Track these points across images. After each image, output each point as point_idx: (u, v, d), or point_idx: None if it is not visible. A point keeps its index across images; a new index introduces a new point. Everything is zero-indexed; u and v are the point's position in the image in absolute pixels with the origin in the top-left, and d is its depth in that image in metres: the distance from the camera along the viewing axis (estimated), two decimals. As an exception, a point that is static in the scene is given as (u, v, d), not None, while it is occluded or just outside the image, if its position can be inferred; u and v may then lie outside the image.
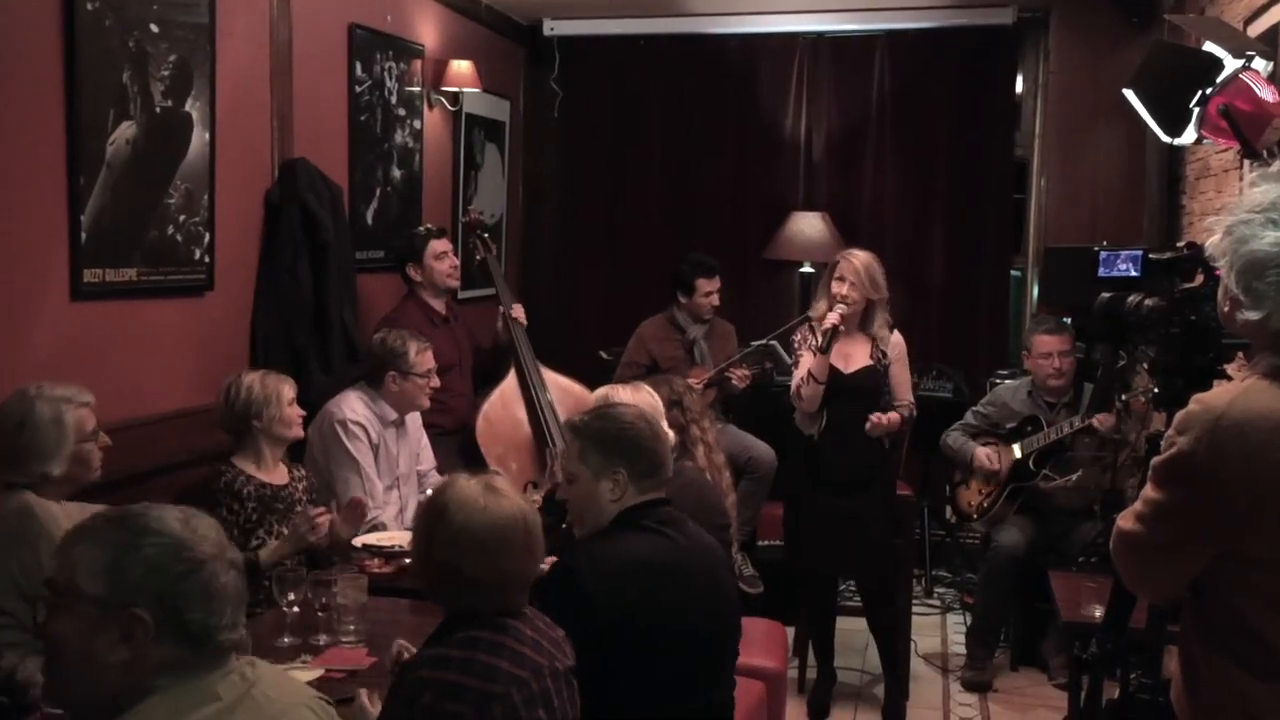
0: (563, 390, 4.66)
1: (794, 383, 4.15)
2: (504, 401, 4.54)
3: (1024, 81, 6.03)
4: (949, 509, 5.08)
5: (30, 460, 2.68)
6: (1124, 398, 4.25)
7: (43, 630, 1.54)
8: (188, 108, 3.66)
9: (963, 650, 4.74)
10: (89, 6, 3.22)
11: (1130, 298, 2.55)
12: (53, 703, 1.74)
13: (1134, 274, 3.95)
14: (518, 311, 4.72)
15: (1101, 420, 4.35)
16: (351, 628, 2.76)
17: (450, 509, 2.03)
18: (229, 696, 1.52)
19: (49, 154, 3.17)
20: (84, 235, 3.27)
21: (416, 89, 5.22)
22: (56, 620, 1.52)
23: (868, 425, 4.05)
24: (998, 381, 5.15)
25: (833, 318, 3.99)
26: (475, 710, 1.88)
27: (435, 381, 3.93)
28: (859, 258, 4.08)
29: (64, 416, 2.71)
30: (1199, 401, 1.73)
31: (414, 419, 4.03)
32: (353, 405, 3.81)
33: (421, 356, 3.84)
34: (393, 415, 3.87)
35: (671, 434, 3.07)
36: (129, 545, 1.51)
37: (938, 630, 5.19)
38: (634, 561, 2.42)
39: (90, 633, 1.49)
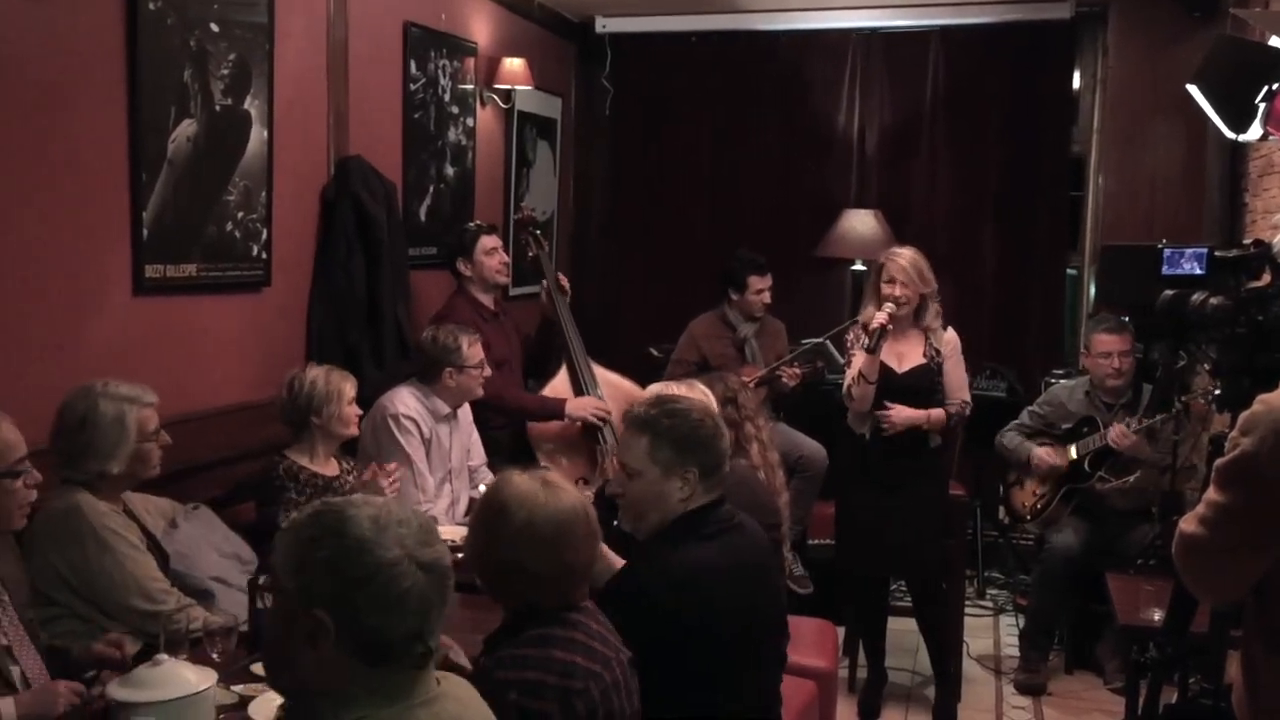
0: (613, 386, 4.66)
1: (845, 382, 4.13)
2: (554, 394, 4.55)
3: (1081, 76, 5.95)
4: (1002, 510, 5.03)
5: (90, 458, 2.71)
6: (1183, 399, 4.18)
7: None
8: (246, 106, 3.71)
9: (1016, 653, 4.70)
10: (151, 6, 3.27)
11: (1194, 296, 2.50)
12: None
13: (1199, 272, 3.89)
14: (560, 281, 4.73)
15: (1118, 438, 4.29)
16: (406, 620, 2.78)
17: (511, 506, 2.03)
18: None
19: (113, 152, 3.23)
20: (146, 232, 3.32)
21: (470, 87, 5.25)
22: (272, 603, 1.52)
23: (884, 423, 4.02)
24: (1053, 381, 5.08)
25: (881, 317, 3.96)
26: (559, 707, 1.88)
27: (488, 370, 3.97)
28: (904, 256, 4.04)
29: (126, 416, 2.74)
30: (1263, 402, 1.70)
31: (465, 413, 4.06)
32: (405, 400, 3.84)
33: (473, 349, 3.90)
34: (445, 409, 3.91)
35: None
36: (315, 544, 1.46)
37: (990, 632, 5.14)
38: (705, 571, 2.38)
39: (285, 625, 1.46)
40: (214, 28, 3.54)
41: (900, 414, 4.02)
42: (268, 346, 3.93)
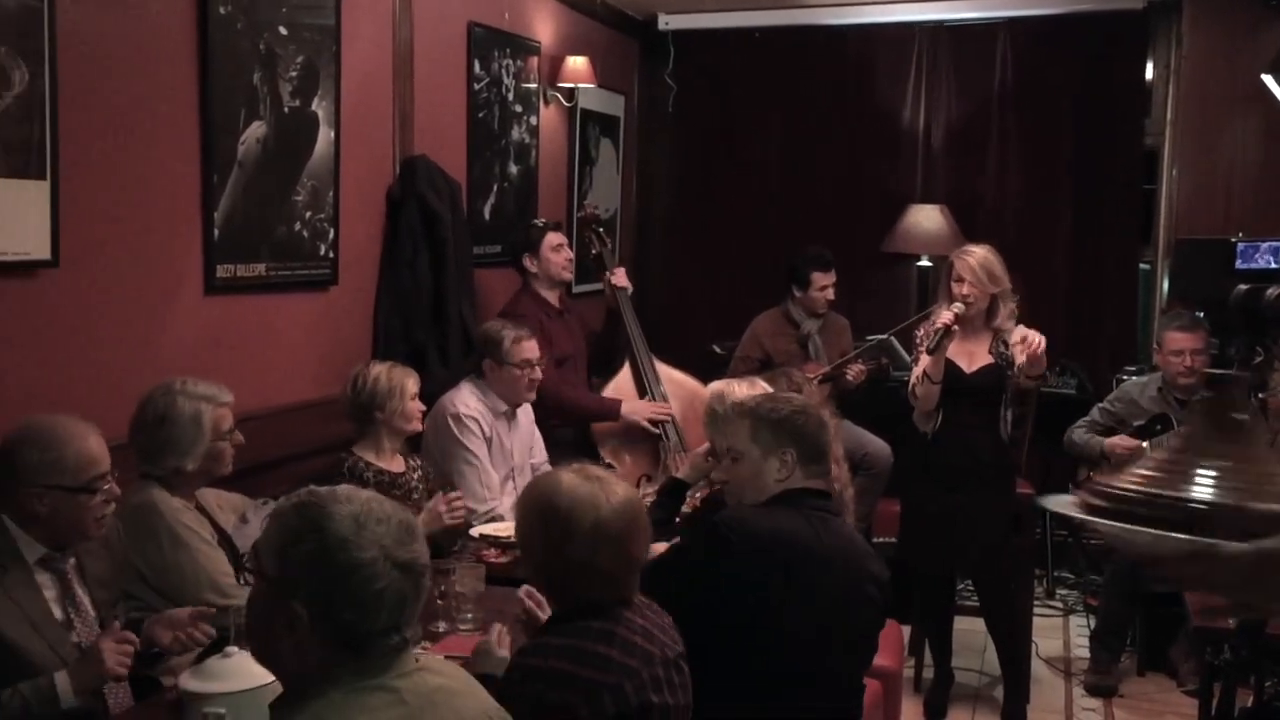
0: (676, 384, 4.66)
1: (910, 380, 4.08)
2: (617, 392, 4.57)
3: (1154, 67, 5.83)
4: (1072, 509, 4.94)
5: (167, 454, 2.77)
6: (1260, 395, 4.07)
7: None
8: (314, 107, 3.77)
9: (1086, 654, 4.62)
10: (222, 10, 3.34)
11: (1269, 291, 2.44)
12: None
13: (1274, 266, 3.79)
14: (619, 276, 4.74)
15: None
16: (469, 616, 2.81)
17: (576, 507, 2.03)
18: (403, 703, 1.49)
19: (185, 154, 3.29)
20: (216, 232, 3.39)
21: (533, 85, 5.28)
22: (254, 587, 1.56)
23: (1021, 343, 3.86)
24: (1124, 378, 4.99)
25: (946, 317, 3.90)
26: (585, 699, 1.89)
27: (536, 374, 3.90)
28: (974, 254, 3.98)
29: (203, 415, 2.78)
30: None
31: (525, 411, 4.08)
32: (465, 399, 3.87)
33: (518, 346, 3.84)
34: (503, 406, 3.92)
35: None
36: (297, 537, 1.49)
37: (1060, 633, 5.06)
38: (778, 531, 2.44)
39: (266, 609, 1.51)
40: (282, 30, 3.60)
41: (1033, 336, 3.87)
42: (334, 344, 3.98)
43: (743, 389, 3.16)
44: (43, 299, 2.87)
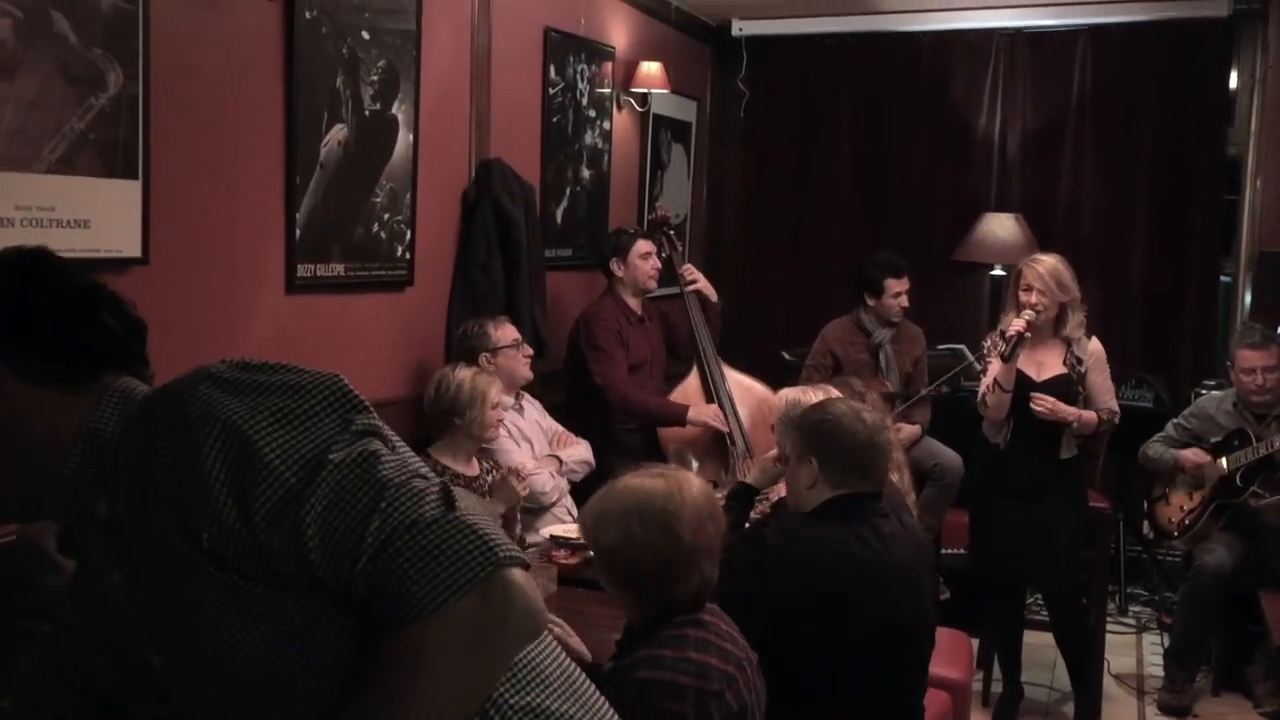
0: (745, 389, 4.66)
1: (981, 390, 4.04)
2: (685, 397, 4.58)
3: (1239, 76, 5.71)
4: (1146, 524, 4.86)
5: None
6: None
7: None
8: (394, 111, 3.83)
9: (1159, 672, 4.53)
10: (308, 15, 3.40)
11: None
12: None
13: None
14: (688, 271, 4.76)
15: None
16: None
17: (678, 513, 2.02)
18: None
19: (269, 155, 3.36)
20: (298, 232, 3.45)
21: (607, 90, 5.32)
22: None
23: (1035, 404, 3.88)
24: (1202, 392, 4.89)
25: (1018, 324, 3.86)
26: (694, 709, 1.89)
27: (528, 350, 3.99)
28: (1044, 263, 3.94)
29: None
30: None
31: (531, 404, 4.13)
32: None
33: (501, 330, 3.92)
34: (510, 401, 3.97)
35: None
36: None
37: (1133, 650, 4.97)
38: (820, 539, 2.46)
39: None
40: (365, 35, 3.66)
41: (1052, 401, 3.89)
42: (409, 345, 4.04)
43: (816, 397, 3.15)
44: (133, 295, 2.93)
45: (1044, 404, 3.88)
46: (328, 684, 1.22)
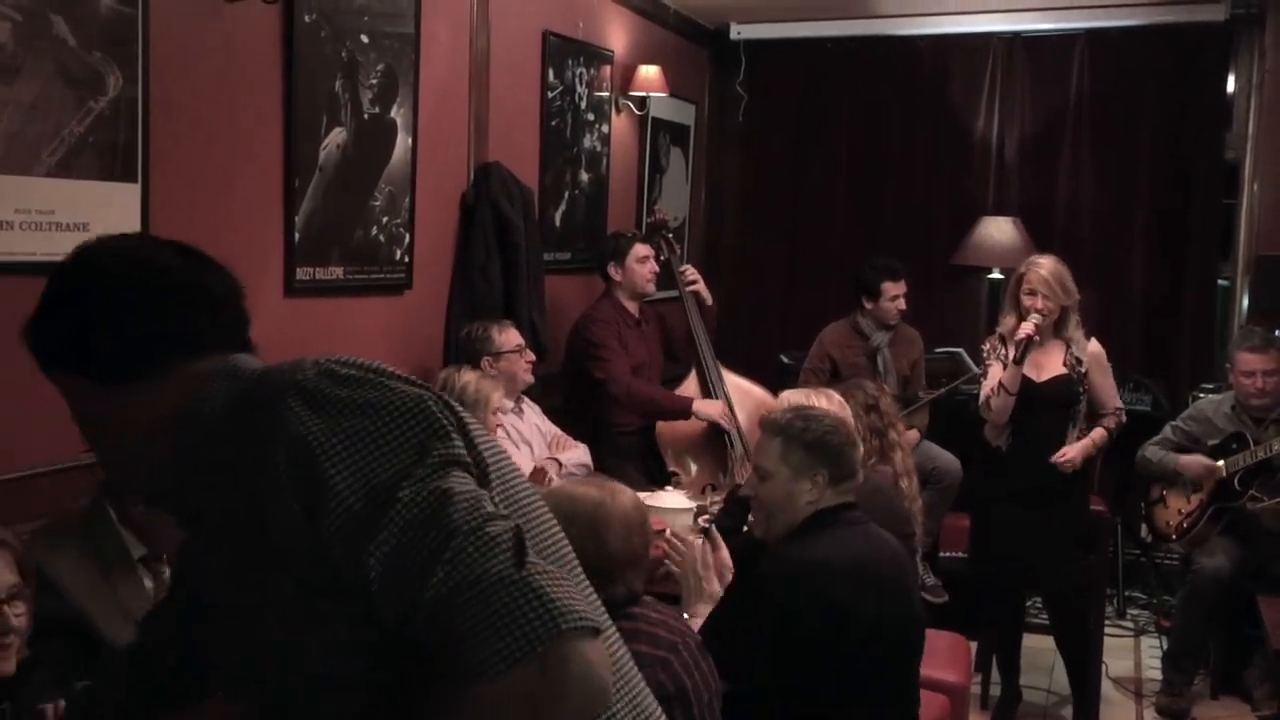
0: (743, 392, 4.66)
1: (983, 394, 4.05)
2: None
3: (1236, 81, 5.72)
4: (1144, 528, 4.86)
5: None
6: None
7: None
8: (393, 114, 3.83)
9: (1158, 675, 4.53)
10: (307, 19, 3.41)
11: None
12: None
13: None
14: (688, 272, 4.77)
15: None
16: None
17: (606, 521, 2.04)
18: None
19: (268, 158, 3.36)
20: (297, 235, 3.46)
21: (605, 94, 5.32)
22: None
23: (1063, 467, 3.94)
24: (1200, 395, 4.90)
25: (1027, 328, 3.87)
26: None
27: (530, 355, 4.00)
28: (1045, 266, 3.95)
29: None
30: None
31: (530, 408, 4.13)
32: None
33: (505, 335, 3.93)
34: (508, 405, 3.97)
35: (863, 439, 3.07)
36: None
37: (1131, 653, 4.97)
38: (826, 565, 2.42)
39: None
40: (364, 39, 3.67)
41: (1074, 451, 3.95)
42: (408, 348, 4.04)
43: (820, 402, 3.15)
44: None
45: (1071, 458, 3.94)
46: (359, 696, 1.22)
